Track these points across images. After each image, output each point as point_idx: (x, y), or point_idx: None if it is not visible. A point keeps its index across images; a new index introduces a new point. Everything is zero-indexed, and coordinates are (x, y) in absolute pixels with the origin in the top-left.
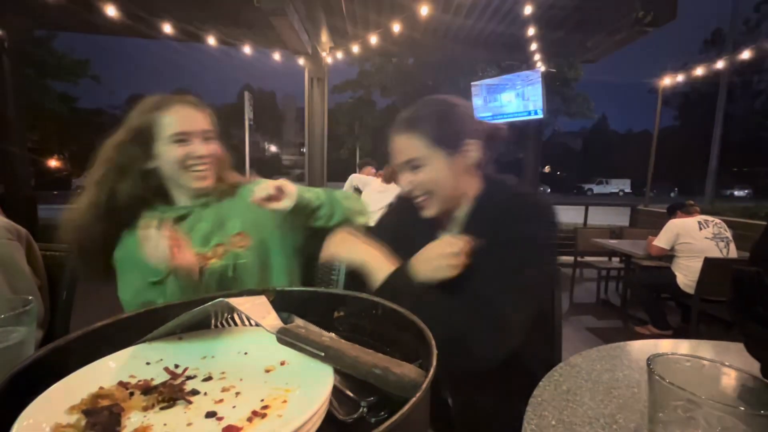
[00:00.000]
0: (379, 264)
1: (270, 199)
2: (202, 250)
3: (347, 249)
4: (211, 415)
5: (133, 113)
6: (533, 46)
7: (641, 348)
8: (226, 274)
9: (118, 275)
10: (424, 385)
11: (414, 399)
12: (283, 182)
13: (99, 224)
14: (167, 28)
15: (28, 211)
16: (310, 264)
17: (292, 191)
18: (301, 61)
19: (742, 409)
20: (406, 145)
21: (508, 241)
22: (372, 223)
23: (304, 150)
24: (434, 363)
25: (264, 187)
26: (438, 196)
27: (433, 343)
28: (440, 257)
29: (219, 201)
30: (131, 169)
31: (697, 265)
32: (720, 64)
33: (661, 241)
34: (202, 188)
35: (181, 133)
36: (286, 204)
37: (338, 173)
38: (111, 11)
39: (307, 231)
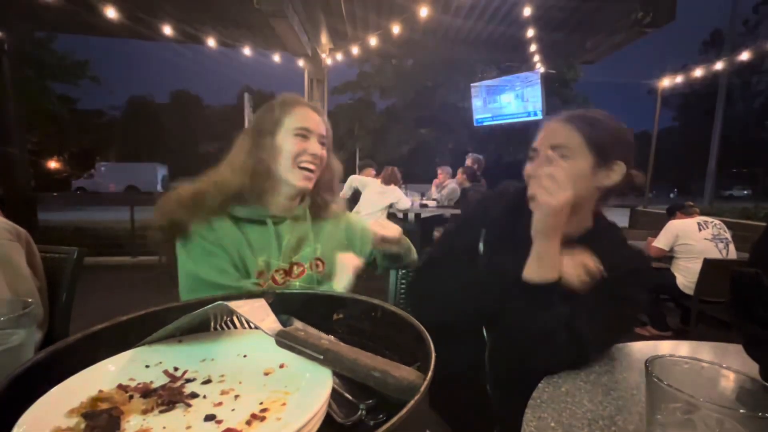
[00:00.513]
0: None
1: (388, 241)
2: (284, 265)
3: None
4: (210, 418)
5: (265, 108)
6: (532, 47)
7: (640, 349)
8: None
9: (180, 263)
10: (423, 388)
11: (412, 402)
12: (399, 229)
13: (207, 204)
14: (167, 30)
15: (27, 213)
16: None
17: (403, 240)
18: (301, 63)
19: (741, 411)
20: (562, 131)
21: (620, 296)
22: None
23: None
24: (432, 366)
25: (392, 228)
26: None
27: (432, 346)
28: (579, 267)
29: (309, 219)
30: (252, 155)
31: (697, 266)
32: (719, 65)
33: (661, 242)
34: (301, 188)
35: (304, 128)
36: (394, 248)
37: None
38: (111, 13)
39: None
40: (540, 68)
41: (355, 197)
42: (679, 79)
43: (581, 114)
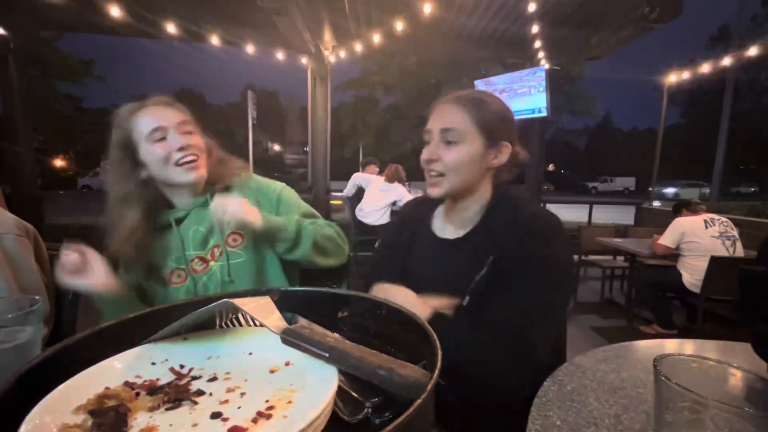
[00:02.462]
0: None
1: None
2: (201, 253)
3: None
4: (216, 415)
5: (112, 129)
6: (537, 44)
7: (646, 348)
8: (222, 278)
9: None
10: (429, 387)
11: (419, 400)
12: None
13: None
14: (170, 28)
15: (34, 211)
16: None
17: (256, 216)
18: (304, 60)
19: (750, 410)
20: (450, 113)
21: (528, 261)
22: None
23: (307, 149)
24: (438, 364)
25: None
26: (453, 180)
27: (438, 344)
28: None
29: (211, 201)
30: (130, 182)
31: (703, 263)
32: (726, 61)
33: (667, 239)
34: (195, 181)
35: (157, 128)
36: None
37: (341, 172)
38: (115, 11)
39: None
40: (545, 65)
41: (358, 195)
42: (685, 75)
43: (472, 95)
